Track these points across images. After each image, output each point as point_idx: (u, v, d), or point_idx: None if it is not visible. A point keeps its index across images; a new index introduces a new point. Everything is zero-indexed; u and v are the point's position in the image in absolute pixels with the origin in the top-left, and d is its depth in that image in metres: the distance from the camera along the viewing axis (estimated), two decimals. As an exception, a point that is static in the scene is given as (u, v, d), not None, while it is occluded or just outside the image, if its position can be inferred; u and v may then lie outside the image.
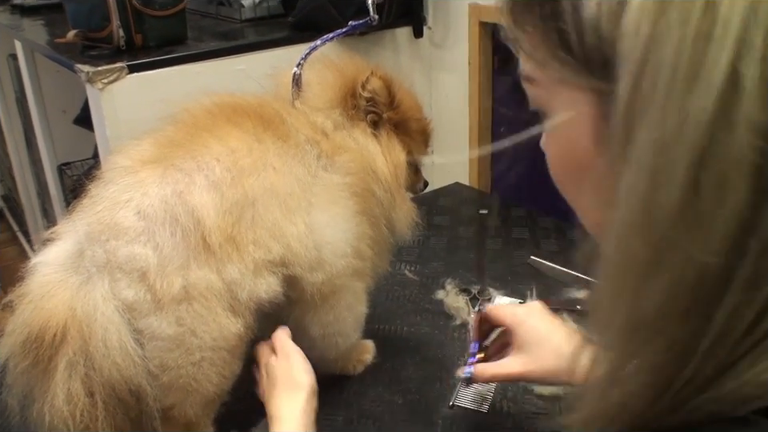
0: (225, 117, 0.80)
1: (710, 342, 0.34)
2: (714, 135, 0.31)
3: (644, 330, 0.37)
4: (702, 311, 0.34)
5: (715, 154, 0.32)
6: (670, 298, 0.34)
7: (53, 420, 0.70)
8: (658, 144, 0.33)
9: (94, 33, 1.56)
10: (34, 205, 2.92)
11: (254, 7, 1.86)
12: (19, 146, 2.85)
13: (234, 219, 0.73)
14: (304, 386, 0.75)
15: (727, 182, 0.32)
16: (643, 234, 0.34)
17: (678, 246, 0.33)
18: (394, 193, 0.88)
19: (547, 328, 0.78)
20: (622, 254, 0.36)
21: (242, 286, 0.74)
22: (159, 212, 0.71)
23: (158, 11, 1.56)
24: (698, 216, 0.32)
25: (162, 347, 0.72)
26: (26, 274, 0.74)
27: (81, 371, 0.69)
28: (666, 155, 0.33)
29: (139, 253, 0.70)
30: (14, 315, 0.72)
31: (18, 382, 0.72)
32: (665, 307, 0.35)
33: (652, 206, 0.33)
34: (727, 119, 0.31)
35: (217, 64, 1.57)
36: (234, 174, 0.75)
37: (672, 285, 0.34)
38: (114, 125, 1.48)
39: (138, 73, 1.47)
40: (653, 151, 0.33)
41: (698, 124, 0.32)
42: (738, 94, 0.31)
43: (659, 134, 0.33)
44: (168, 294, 0.70)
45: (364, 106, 0.86)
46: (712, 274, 0.33)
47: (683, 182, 0.32)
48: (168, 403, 0.75)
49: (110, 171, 0.76)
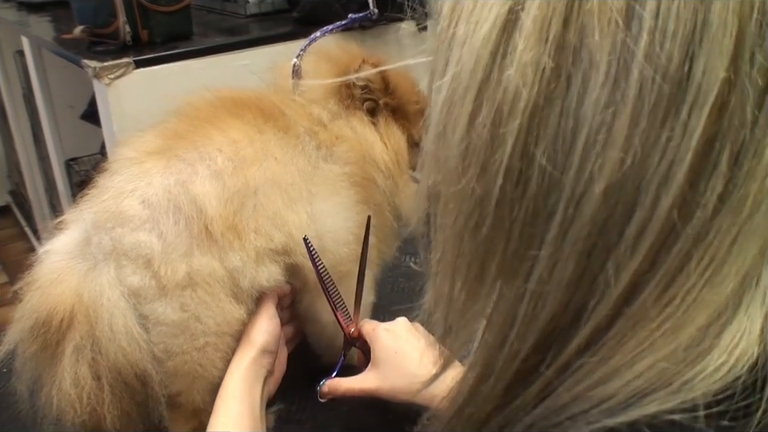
0: (226, 109, 0.82)
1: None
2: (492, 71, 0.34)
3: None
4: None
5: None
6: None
7: (60, 403, 0.72)
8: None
9: (101, 29, 1.58)
10: (41, 200, 2.94)
11: (258, 3, 1.88)
12: (26, 141, 2.88)
13: (235, 208, 0.74)
14: (255, 344, 0.78)
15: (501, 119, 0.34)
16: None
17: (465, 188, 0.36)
18: (396, 179, 0.88)
19: (399, 346, 0.80)
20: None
21: (244, 274, 0.75)
22: (163, 201, 0.72)
23: (163, 7, 1.57)
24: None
25: (167, 332, 0.73)
26: (35, 263, 0.76)
27: (87, 355, 0.71)
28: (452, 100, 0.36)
29: (144, 240, 0.71)
30: (22, 302, 0.74)
31: (26, 367, 0.74)
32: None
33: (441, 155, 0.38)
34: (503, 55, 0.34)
35: (222, 59, 1.58)
36: (235, 164, 0.76)
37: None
38: (121, 119, 1.49)
39: (144, 68, 1.49)
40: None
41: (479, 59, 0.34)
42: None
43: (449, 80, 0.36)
44: (172, 280, 0.71)
45: (359, 94, 0.86)
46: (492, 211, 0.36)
47: (465, 123, 0.35)
48: (175, 390, 0.77)
49: (116, 162, 0.78)
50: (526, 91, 0.33)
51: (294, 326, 0.92)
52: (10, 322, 0.75)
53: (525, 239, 0.35)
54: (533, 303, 0.36)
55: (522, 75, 0.33)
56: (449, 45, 0.37)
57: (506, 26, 0.34)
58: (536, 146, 0.34)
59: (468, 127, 0.35)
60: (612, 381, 0.35)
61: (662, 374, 0.34)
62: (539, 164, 0.34)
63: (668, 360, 0.34)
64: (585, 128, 0.33)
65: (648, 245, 0.33)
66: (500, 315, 0.38)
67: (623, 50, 0.32)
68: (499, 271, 0.37)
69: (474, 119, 0.35)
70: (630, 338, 0.35)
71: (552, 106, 0.33)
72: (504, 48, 0.34)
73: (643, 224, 0.33)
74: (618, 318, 0.35)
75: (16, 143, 2.98)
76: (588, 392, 0.35)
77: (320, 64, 0.89)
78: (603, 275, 0.34)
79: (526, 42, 0.33)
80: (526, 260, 0.36)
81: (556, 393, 0.36)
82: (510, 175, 0.34)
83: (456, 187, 0.37)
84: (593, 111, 0.32)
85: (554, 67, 0.33)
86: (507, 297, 0.37)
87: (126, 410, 0.74)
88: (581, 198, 0.33)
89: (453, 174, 0.37)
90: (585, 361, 0.36)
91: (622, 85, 0.32)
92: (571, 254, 0.34)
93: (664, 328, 0.34)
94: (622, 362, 0.35)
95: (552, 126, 0.33)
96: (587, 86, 0.32)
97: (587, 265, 0.34)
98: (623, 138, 0.32)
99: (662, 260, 0.33)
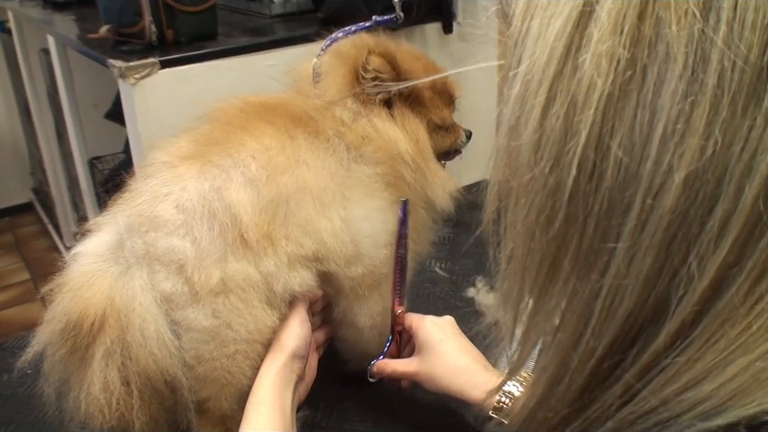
0: (257, 115, 0.81)
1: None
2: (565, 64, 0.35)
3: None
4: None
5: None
6: None
7: (89, 408, 0.71)
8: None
9: (126, 28, 1.58)
10: (64, 198, 2.96)
11: (283, 3, 1.87)
12: (50, 139, 2.90)
13: (269, 217, 0.74)
14: (285, 349, 0.77)
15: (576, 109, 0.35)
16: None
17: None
18: (423, 169, 0.86)
19: (444, 338, 0.85)
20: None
21: (278, 278, 0.74)
22: (198, 206, 0.72)
23: (189, 7, 1.57)
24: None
25: (198, 339, 0.72)
26: (65, 264, 0.76)
27: (117, 360, 0.70)
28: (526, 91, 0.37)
29: (178, 245, 0.70)
30: (52, 304, 0.73)
31: (54, 370, 0.74)
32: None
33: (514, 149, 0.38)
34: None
35: (247, 60, 1.58)
36: (269, 173, 0.75)
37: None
38: (146, 119, 1.50)
39: (169, 68, 1.49)
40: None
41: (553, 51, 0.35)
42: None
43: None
44: (206, 286, 0.71)
45: (371, 87, 0.83)
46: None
47: (538, 116, 0.36)
48: (203, 396, 0.76)
49: (149, 166, 0.77)
50: (600, 82, 0.33)
51: (324, 332, 0.91)
52: (31, 319, 0.74)
53: (600, 232, 0.35)
54: (609, 298, 0.36)
55: (597, 66, 0.33)
56: (522, 41, 0.37)
57: (581, 19, 0.34)
58: (611, 138, 0.34)
59: (541, 119, 0.36)
60: (704, 383, 0.34)
61: (758, 374, 0.33)
62: (615, 155, 0.34)
63: (764, 360, 0.33)
64: (662, 119, 0.33)
65: (733, 237, 0.32)
66: (574, 313, 0.38)
67: (701, 40, 0.32)
68: (573, 267, 0.37)
69: (547, 111, 0.35)
70: (721, 337, 0.34)
71: (627, 98, 0.33)
72: (578, 41, 0.34)
73: (727, 215, 0.32)
74: (705, 314, 0.34)
75: (40, 141, 3.01)
76: (678, 395, 0.34)
77: (333, 63, 0.86)
78: (685, 269, 0.34)
79: (601, 34, 0.33)
80: (601, 254, 0.35)
81: (640, 396, 0.36)
82: (584, 167, 0.34)
83: (528, 181, 0.37)
84: (670, 102, 0.32)
85: (629, 59, 0.33)
86: (582, 293, 0.37)
87: (154, 416, 0.74)
88: (659, 188, 0.33)
89: (525, 168, 0.37)
90: (671, 361, 0.35)
91: (700, 75, 0.32)
92: (650, 247, 0.34)
93: (756, 325, 0.33)
94: (713, 362, 0.34)
95: (628, 117, 0.33)
96: (664, 78, 0.32)
97: (667, 258, 0.34)
98: (703, 127, 0.32)
99: (749, 254, 0.33)
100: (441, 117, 0.89)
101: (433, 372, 0.82)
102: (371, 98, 0.83)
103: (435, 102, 0.89)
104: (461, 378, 0.80)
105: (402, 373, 0.86)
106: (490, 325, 0.45)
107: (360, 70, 0.82)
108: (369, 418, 0.92)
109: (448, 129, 0.92)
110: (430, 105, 0.88)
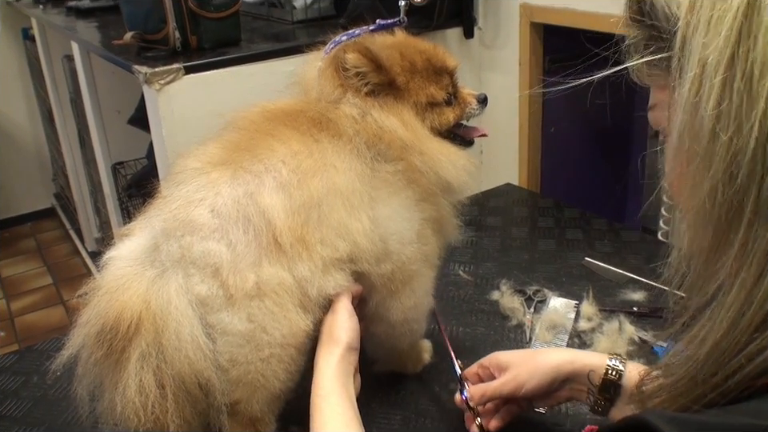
0: (281, 120, 0.82)
1: None
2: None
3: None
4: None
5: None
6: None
7: (123, 410, 0.71)
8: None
9: (151, 35, 1.60)
10: (86, 203, 2.99)
11: (305, 9, 1.88)
12: (73, 145, 2.93)
13: (302, 221, 0.74)
14: (341, 342, 0.78)
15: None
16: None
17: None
18: (423, 150, 0.85)
19: (524, 351, 0.90)
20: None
21: (312, 283, 0.75)
22: (232, 211, 0.72)
23: (213, 13, 1.59)
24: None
25: (233, 342, 0.73)
26: (98, 268, 0.76)
27: (153, 363, 0.71)
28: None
29: (213, 249, 0.71)
30: (87, 306, 0.73)
31: (89, 372, 0.74)
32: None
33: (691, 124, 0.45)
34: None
35: (269, 65, 1.59)
36: (299, 177, 0.76)
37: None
38: (170, 124, 1.51)
39: (193, 74, 1.51)
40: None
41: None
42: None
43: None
44: (241, 290, 0.71)
45: (356, 83, 0.83)
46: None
47: (718, 92, 0.42)
48: (235, 398, 0.76)
49: (181, 173, 0.77)
50: None
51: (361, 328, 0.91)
52: (54, 323, 0.75)
53: None
54: None
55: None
56: (691, 35, 0.44)
57: (748, 9, 0.41)
58: None
59: (721, 94, 0.42)
60: None
61: None
62: None
63: None
64: None
65: None
66: (757, 254, 0.43)
67: None
68: (755, 213, 0.43)
69: (725, 87, 0.42)
70: None
71: None
72: (748, 26, 0.41)
73: None
74: None
75: (62, 147, 3.04)
76: None
77: (324, 65, 0.87)
78: None
79: None
80: None
81: None
82: (763, 130, 0.41)
83: (712, 145, 0.43)
84: None
85: None
86: (764, 236, 0.43)
87: (187, 419, 0.74)
88: None
89: (708, 135, 0.43)
90: None
91: None
92: None
93: None
94: None
95: None
96: None
97: None
98: None
99: None
100: (428, 94, 0.88)
101: (520, 381, 0.82)
102: (360, 94, 0.84)
103: (416, 83, 0.87)
104: (563, 353, 0.85)
105: (493, 391, 0.84)
106: (515, 327, 0.48)
107: (340, 70, 0.83)
108: (396, 420, 0.92)
109: (447, 102, 0.90)
110: (409, 87, 0.87)
